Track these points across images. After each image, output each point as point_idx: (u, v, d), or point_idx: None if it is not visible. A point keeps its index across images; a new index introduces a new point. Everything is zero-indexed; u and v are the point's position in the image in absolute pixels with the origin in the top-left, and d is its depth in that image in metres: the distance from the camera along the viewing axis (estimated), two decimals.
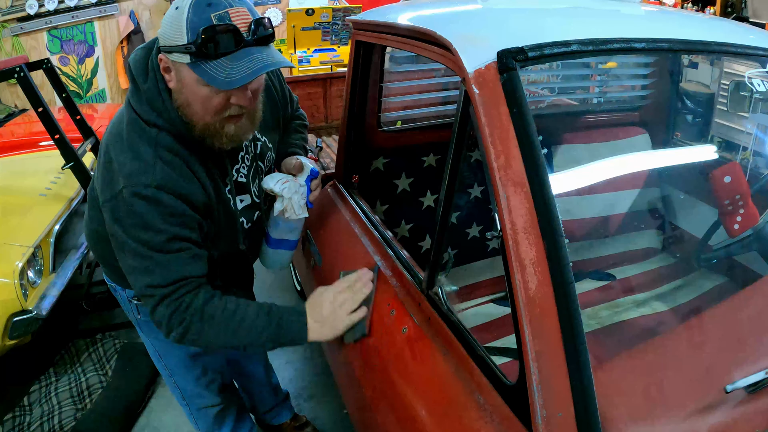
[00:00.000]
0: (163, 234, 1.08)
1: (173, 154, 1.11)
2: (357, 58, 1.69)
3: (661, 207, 2.11)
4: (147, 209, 1.07)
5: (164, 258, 1.09)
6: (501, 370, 0.93)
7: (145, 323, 1.48)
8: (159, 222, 1.07)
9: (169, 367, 1.58)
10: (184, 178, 1.11)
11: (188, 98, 1.08)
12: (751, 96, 1.95)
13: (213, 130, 1.11)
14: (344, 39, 5.01)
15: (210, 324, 1.14)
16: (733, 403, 0.91)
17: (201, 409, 1.69)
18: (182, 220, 1.11)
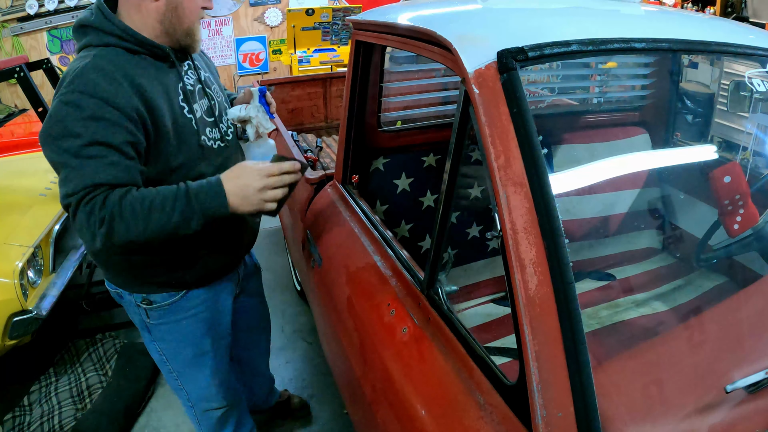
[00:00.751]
0: (80, 138, 1.09)
1: (105, 61, 1.17)
2: (357, 58, 1.69)
3: (661, 207, 2.11)
4: (67, 113, 1.10)
5: (79, 163, 1.10)
6: (501, 370, 0.93)
7: (155, 327, 1.47)
8: (77, 126, 1.09)
9: (176, 370, 1.56)
10: (109, 81, 1.13)
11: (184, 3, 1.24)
12: (751, 96, 1.95)
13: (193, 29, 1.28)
14: (344, 39, 5.02)
15: (131, 215, 1.11)
16: (733, 403, 0.91)
17: (206, 411, 1.67)
18: (103, 124, 1.11)
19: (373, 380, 1.22)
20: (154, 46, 1.24)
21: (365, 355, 1.29)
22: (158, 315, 1.44)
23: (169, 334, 1.48)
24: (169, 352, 1.52)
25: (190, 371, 1.56)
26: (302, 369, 2.47)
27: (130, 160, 1.15)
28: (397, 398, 1.11)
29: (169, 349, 1.52)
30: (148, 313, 1.44)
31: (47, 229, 2.33)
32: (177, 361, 1.54)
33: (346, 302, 1.45)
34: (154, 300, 1.41)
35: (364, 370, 1.28)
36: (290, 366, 2.49)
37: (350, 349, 1.38)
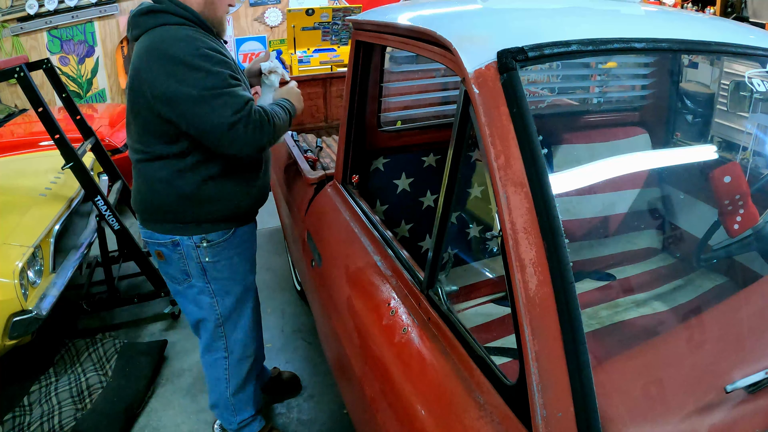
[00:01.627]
0: (223, 74, 1.44)
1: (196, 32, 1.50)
2: (357, 58, 1.69)
3: (661, 207, 2.11)
4: (205, 61, 1.42)
5: (232, 89, 1.44)
6: (501, 370, 0.93)
7: (212, 265, 1.67)
8: (217, 66, 1.43)
9: (223, 314, 1.74)
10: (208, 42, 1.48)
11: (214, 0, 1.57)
12: (751, 96, 1.95)
13: (222, 20, 1.62)
14: (344, 39, 5.02)
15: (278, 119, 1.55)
16: (733, 403, 0.91)
17: (241, 360, 1.83)
18: (226, 65, 1.47)
19: (373, 380, 1.22)
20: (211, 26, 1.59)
21: (365, 355, 1.29)
22: (215, 252, 1.66)
23: (223, 271, 1.69)
24: (221, 292, 1.72)
25: (237, 312, 1.76)
26: (302, 369, 2.47)
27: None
28: (397, 398, 1.11)
29: (221, 289, 1.71)
30: (207, 251, 1.65)
31: (47, 229, 2.33)
32: (227, 300, 1.73)
33: (346, 302, 1.45)
34: (211, 239, 1.64)
35: (364, 370, 1.28)
36: (290, 366, 2.49)
37: (350, 349, 1.39)
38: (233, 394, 1.88)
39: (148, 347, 2.58)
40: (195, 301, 1.73)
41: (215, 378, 1.87)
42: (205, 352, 1.85)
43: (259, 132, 1.48)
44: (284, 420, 2.21)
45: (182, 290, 1.73)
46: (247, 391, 1.91)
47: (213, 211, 1.62)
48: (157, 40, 1.46)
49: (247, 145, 1.47)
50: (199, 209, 1.60)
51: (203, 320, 1.77)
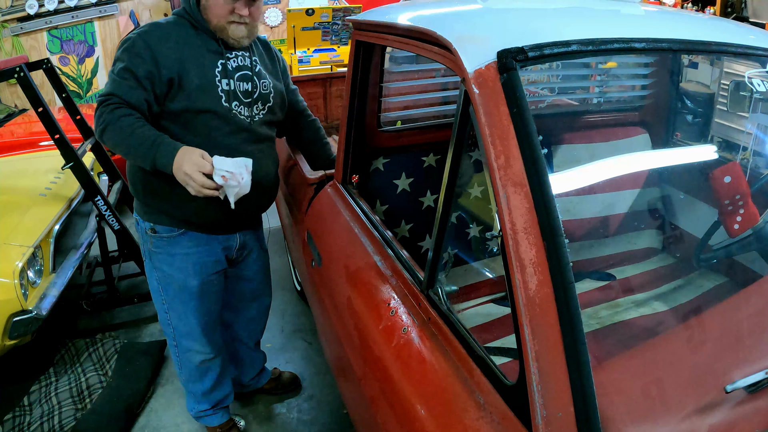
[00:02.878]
0: (121, 62, 1.53)
1: (169, 24, 1.61)
2: (357, 58, 1.69)
3: (661, 207, 2.11)
4: (126, 46, 1.55)
5: (115, 78, 1.53)
6: (501, 370, 0.93)
7: (155, 254, 1.74)
8: (125, 55, 1.53)
9: (168, 300, 1.79)
10: (162, 38, 1.56)
11: (210, 3, 1.58)
12: (751, 96, 1.95)
13: (221, 27, 1.60)
14: (344, 39, 5.02)
15: (119, 129, 1.50)
16: (733, 403, 0.91)
17: (187, 352, 1.86)
18: (138, 60, 1.52)
19: (373, 380, 1.22)
20: (206, 29, 1.62)
21: (365, 355, 1.29)
22: (159, 245, 1.72)
23: (164, 263, 1.74)
24: (163, 281, 1.77)
25: (179, 306, 1.79)
26: (302, 369, 2.47)
27: (144, 90, 1.53)
28: (397, 398, 1.11)
29: (163, 278, 1.76)
30: (152, 240, 1.72)
31: (47, 229, 2.33)
32: (168, 291, 1.77)
33: (346, 302, 1.45)
34: (158, 231, 1.70)
35: (364, 370, 1.28)
36: (290, 366, 2.49)
37: (350, 349, 1.38)
38: (185, 382, 1.97)
39: (148, 347, 2.57)
40: (149, 275, 1.82)
41: (173, 358, 1.95)
42: (164, 333, 1.93)
43: (97, 121, 1.54)
44: (284, 420, 2.21)
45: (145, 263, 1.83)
46: (204, 384, 1.94)
47: (159, 204, 1.66)
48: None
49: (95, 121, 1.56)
50: (149, 197, 1.67)
51: (154, 300, 1.84)
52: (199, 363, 1.89)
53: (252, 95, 1.68)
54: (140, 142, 1.48)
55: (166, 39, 1.56)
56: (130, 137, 1.49)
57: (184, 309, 1.80)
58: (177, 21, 1.63)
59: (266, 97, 1.73)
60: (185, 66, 1.56)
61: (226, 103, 1.62)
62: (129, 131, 1.49)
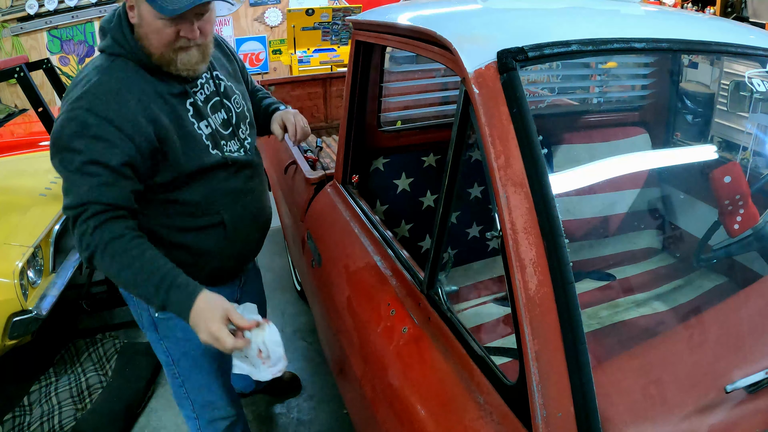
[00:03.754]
0: (81, 155, 1.14)
1: (115, 79, 1.21)
2: (357, 58, 1.69)
3: (661, 207, 2.11)
4: (71, 128, 1.15)
5: (78, 179, 1.15)
6: (501, 370, 0.93)
7: (162, 322, 1.47)
8: (80, 142, 1.15)
9: (182, 374, 1.55)
10: (118, 101, 1.19)
11: (146, 31, 1.22)
12: (751, 96, 1.95)
13: (167, 59, 1.25)
14: (344, 39, 5.02)
15: (110, 259, 1.17)
16: (733, 403, 0.91)
17: (212, 422, 1.63)
18: (102, 144, 1.15)
19: (373, 380, 1.22)
20: (157, 67, 1.26)
21: (365, 355, 1.29)
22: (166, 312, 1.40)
23: (175, 330, 1.47)
24: (176, 351, 1.51)
25: (196, 374, 1.54)
26: (302, 369, 2.47)
27: (125, 179, 1.19)
28: (397, 398, 1.11)
29: (175, 348, 1.50)
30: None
31: (47, 229, 2.33)
32: (183, 361, 1.52)
33: (346, 302, 1.45)
34: None
35: (364, 370, 1.28)
36: (290, 366, 2.49)
37: (350, 349, 1.38)
38: None
39: (148, 347, 2.56)
40: (157, 349, 1.55)
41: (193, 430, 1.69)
42: (179, 407, 1.67)
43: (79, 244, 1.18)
44: (284, 420, 2.21)
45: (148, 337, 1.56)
46: None
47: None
48: (82, 74, 1.25)
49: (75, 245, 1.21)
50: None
51: (166, 372, 1.59)
52: (226, 428, 1.66)
53: (230, 122, 1.42)
54: (144, 278, 1.17)
55: (124, 100, 1.19)
56: (128, 270, 1.17)
57: (204, 376, 1.56)
58: (117, 66, 1.23)
59: (243, 114, 1.48)
60: (159, 127, 1.23)
61: (214, 150, 1.34)
62: (126, 261, 1.16)
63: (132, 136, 1.18)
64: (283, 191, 2.40)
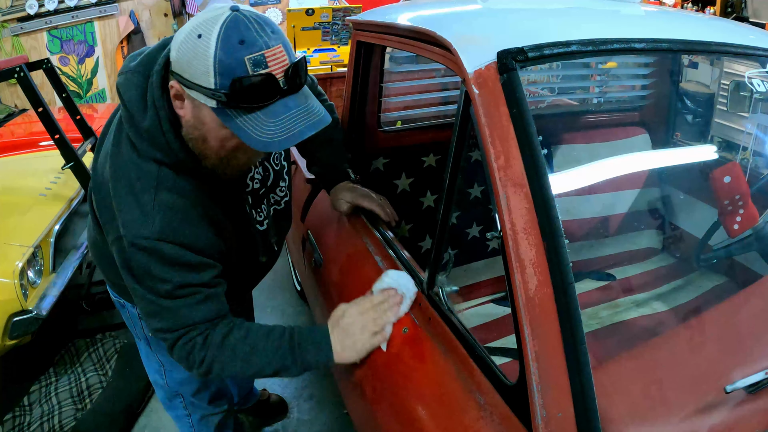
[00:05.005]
0: (167, 283, 1.04)
1: (176, 195, 1.04)
2: (357, 58, 1.69)
3: (661, 207, 2.11)
4: (148, 260, 1.03)
5: (172, 304, 1.06)
6: (501, 370, 0.93)
7: (156, 340, 1.43)
8: (163, 272, 1.03)
9: (172, 384, 1.53)
10: (188, 222, 1.05)
11: (205, 134, 1.00)
12: (751, 96, 1.95)
13: (226, 163, 1.06)
14: (344, 39, 5.01)
15: (232, 356, 1.10)
16: (733, 403, 0.91)
17: (203, 418, 1.63)
18: (189, 267, 1.06)
19: (373, 380, 1.22)
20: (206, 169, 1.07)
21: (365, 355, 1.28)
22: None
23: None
24: (169, 364, 1.48)
25: (188, 385, 1.54)
26: None
27: (219, 287, 1.12)
28: (397, 398, 1.11)
29: (169, 361, 1.46)
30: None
31: (47, 229, 2.33)
32: (174, 375, 1.51)
33: (346, 302, 1.45)
34: None
35: (364, 370, 1.28)
36: None
37: None
38: None
39: None
40: (147, 359, 1.54)
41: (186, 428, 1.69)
42: (166, 408, 1.66)
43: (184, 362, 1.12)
44: (284, 420, 2.21)
45: (137, 343, 1.55)
46: None
47: None
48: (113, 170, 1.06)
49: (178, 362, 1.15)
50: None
51: (156, 382, 1.58)
52: (218, 423, 1.67)
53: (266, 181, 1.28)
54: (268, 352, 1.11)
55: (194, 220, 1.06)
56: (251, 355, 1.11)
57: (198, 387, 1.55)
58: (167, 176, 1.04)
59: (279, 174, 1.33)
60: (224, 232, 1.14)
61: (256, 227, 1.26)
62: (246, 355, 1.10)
63: (212, 254, 1.09)
64: None
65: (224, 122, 0.93)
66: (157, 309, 1.07)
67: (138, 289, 1.07)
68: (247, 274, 1.35)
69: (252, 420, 2.19)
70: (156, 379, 1.56)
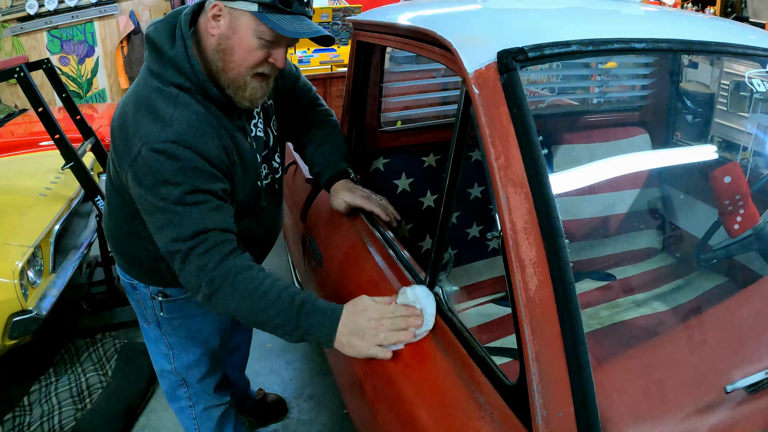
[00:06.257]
0: (181, 186, 1.09)
1: (192, 112, 1.14)
2: (357, 58, 1.69)
3: (661, 207, 2.11)
4: (164, 163, 1.09)
5: (185, 210, 1.10)
6: (501, 370, 0.93)
7: (168, 321, 1.46)
8: (177, 175, 1.09)
9: (178, 369, 1.55)
10: (201, 134, 1.13)
11: (233, 45, 1.14)
12: (751, 96, 1.95)
13: (239, 83, 1.17)
14: (344, 39, 5.01)
15: (242, 293, 1.11)
16: (733, 403, 0.91)
17: (206, 409, 1.65)
18: (200, 174, 1.11)
19: (373, 380, 1.22)
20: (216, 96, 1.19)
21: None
22: (173, 309, 1.44)
23: (180, 329, 1.48)
24: (178, 347, 1.51)
25: (195, 371, 1.56)
26: (302, 369, 2.47)
27: (228, 203, 1.18)
28: (397, 398, 1.11)
29: (178, 344, 1.50)
30: (163, 306, 1.43)
31: (47, 229, 2.33)
32: (183, 357, 1.52)
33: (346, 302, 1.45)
34: (170, 294, 1.41)
35: (364, 370, 1.27)
36: (290, 366, 2.49)
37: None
38: None
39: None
40: (154, 344, 1.56)
41: (185, 426, 1.71)
42: (169, 400, 1.68)
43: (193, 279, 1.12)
44: (284, 420, 2.21)
45: (144, 329, 1.56)
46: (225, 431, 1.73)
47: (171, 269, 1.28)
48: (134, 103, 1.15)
49: (185, 284, 1.16)
50: (156, 264, 1.33)
51: (162, 370, 1.59)
52: (221, 415, 1.68)
53: (268, 144, 1.38)
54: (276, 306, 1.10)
55: (206, 134, 1.15)
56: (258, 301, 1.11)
57: (205, 372, 1.57)
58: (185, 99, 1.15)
59: (277, 142, 1.44)
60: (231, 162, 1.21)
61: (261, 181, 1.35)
62: (253, 296, 1.11)
63: (221, 167, 1.17)
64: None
65: (262, 20, 1.09)
66: (169, 217, 1.10)
67: (150, 200, 1.11)
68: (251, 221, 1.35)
69: (251, 420, 2.19)
70: (163, 366, 1.56)
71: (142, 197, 1.13)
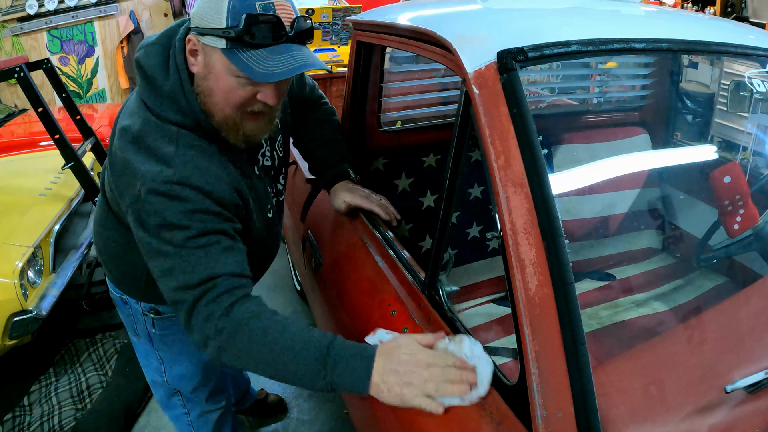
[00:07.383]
0: (186, 230, 0.99)
1: (197, 150, 1.05)
2: (357, 58, 1.69)
3: (661, 207, 2.11)
4: (167, 205, 0.99)
5: (189, 254, 0.99)
6: (501, 370, 0.93)
7: (160, 337, 1.41)
8: (181, 218, 0.99)
9: (172, 381, 1.51)
10: (209, 173, 1.03)
11: (211, 86, 1.02)
12: (751, 96, 1.95)
13: (231, 124, 1.05)
14: (344, 39, 5.01)
15: (257, 344, 0.98)
16: (733, 403, 0.91)
17: (202, 415, 1.62)
18: (207, 215, 1.01)
19: None
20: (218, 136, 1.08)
21: None
22: (165, 326, 1.39)
23: (172, 345, 1.44)
24: (170, 361, 1.47)
25: (187, 384, 1.53)
26: None
27: (240, 243, 1.07)
28: None
29: (170, 358, 1.47)
30: (155, 322, 1.38)
31: (47, 229, 2.33)
32: (175, 370, 1.49)
33: (346, 302, 1.45)
34: (162, 311, 1.37)
35: None
36: None
37: None
38: None
39: None
40: (145, 358, 1.51)
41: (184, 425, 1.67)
42: (164, 409, 1.65)
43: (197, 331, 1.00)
44: (284, 420, 2.21)
45: (134, 342, 1.51)
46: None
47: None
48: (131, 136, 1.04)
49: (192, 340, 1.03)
50: (147, 280, 1.20)
51: (154, 381, 1.55)
52: (217, 419, 1.65)
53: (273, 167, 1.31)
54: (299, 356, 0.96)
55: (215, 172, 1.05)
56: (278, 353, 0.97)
57: (197, 385, 1.53)
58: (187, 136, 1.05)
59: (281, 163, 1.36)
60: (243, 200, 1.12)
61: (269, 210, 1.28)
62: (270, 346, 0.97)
63: (226, 205, 1.05)
64: None
65: (230, 59, 0.96)
66: (174, 263, 0.99)
67: (153, 244, 1.01)
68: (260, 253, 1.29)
69: (251, 420, 2.19)
70: (155, 378, 1.54)
71: (144, 240, 1.03)
